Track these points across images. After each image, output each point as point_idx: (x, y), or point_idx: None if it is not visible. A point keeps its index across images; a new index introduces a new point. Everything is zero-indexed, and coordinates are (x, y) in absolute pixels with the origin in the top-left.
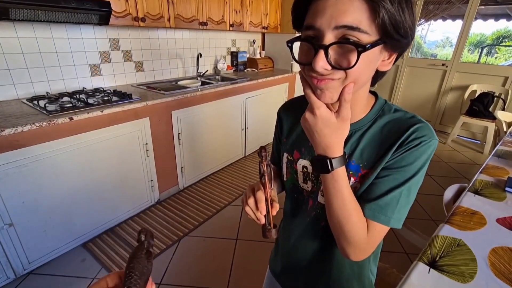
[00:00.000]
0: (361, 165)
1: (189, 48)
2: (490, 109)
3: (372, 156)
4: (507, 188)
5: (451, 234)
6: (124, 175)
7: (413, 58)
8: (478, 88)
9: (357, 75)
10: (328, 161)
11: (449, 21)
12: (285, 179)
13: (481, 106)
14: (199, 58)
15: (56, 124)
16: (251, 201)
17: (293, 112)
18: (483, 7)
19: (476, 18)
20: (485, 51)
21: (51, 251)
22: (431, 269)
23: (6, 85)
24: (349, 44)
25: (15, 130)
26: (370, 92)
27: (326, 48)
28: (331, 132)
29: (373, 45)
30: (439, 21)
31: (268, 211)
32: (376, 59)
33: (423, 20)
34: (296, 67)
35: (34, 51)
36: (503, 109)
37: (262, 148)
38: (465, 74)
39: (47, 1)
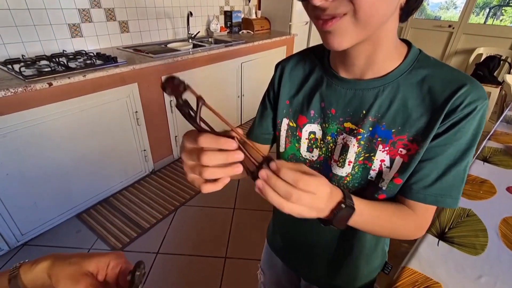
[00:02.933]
0: (393, 130)
1: (179, 7)
2: (495, 74)
3: (410, 120)
4: None
5: (460, 204)
6: (115, 145)
7: (418, 19)
8: (484, 51)
9: (370, 4)
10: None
11: None
12: (281, 150)
13: (486, 70)
14: (190, 17)
15: (34, 89)
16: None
17: (300, 68)
18: None
19: None
20: (490, 13)
21: (44, 223)
22: (440, 241)
23: None
24: None
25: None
26: (401, 40)
27: None
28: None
29: None
30: None
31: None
32: None
33: None
34: (295, 29)
35: (1, 7)
36: (509, 73)
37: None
38: (472, 37)
39: None
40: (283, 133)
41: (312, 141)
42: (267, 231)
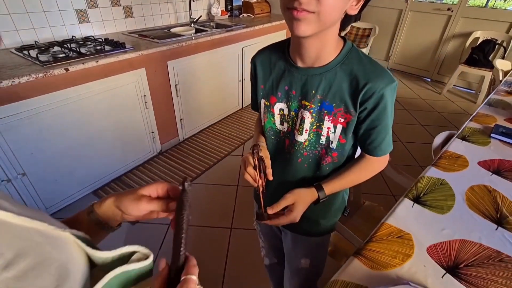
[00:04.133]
0: (334, 105)
1: None
2: (490, 58)
3: (343, 97)
4: (492, 134)
5: (435, 175)
6: (126, 127)
7: (418, 1)
8: (481, 35)
9: (329, 10)
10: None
11: None
12: (263, 123)
13: (481, 54)
14: (192, 2)
15: (53, 75)
16: (250, 170)
17: (266, 59)
18: None
19: None
20: None
21: (64, 198)
22: (415, 204)
23: None
24: None
25: (12, 82)
26: (341, 37)
27: None
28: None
29: None
30: None
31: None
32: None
33: None
34: None
35: None
36: (503, 58)
37: (257, 147)
38: (470, 20)
39: None
40: (262, 110)
41: (282, 116)
42: (253, 193)
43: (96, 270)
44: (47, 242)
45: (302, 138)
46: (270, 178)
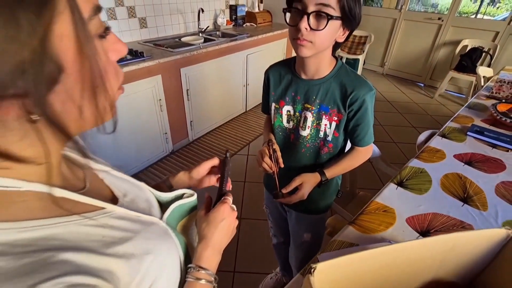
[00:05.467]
0: (329, 107)
1: (189, 2)
2: (477, 65)
3: (336, 101)
4: (468, 133)
5: (417, 165)
6: (142, 129)
7: (411, 11)
8: (469, 43)
9: (322, 39)
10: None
11: None
12: (273, 122)
13: (469, 61)
14: (201, 13)
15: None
16: (267, 160)
17: (277, 72)
18: None
19: None
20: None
21: None
22: (399, 187)
23: None
24: (322, 13)
25: None
26: (334, 56)
27: (308, 15)
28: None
29: (337, 17)
30: None
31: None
32: (336, 31)
33: None
34: None
35: None
36: (489, 65)
37: (271, 142)
38: (459, 29)
39: None
40: (272, 112)
41: (288, 116)
42: (263, 180)
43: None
44: (134, 186)
45: (305, 133)
46: (282, 165)
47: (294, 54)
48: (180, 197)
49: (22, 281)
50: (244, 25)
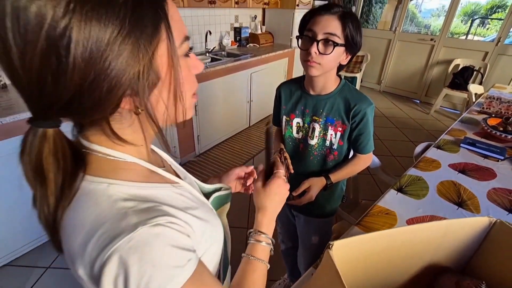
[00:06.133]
0: (335, 119)
1: (197, 25)
2: (470, 82)
3: (341, 114)
4: (461, 144)
5: (415, 174)
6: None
7: (404, 33)
8: (461, 62)
9: (328, 62)
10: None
11: None
12: (283, 133)
13: (462, 79)
14: (208, 35)
15: None
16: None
17: (288, 89)
18: None
19: None
20: (477, 21)
21: None
22: (399, 192)
23: None
24: (330, 40)
25: None
26: (338, 75)
27: (317, 41)
28: (319, 186)
29: (341, 44)
30: None
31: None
32: (340, 55)
33: None
34: (295, 43)
35: None
36: (481, 83)
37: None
38: (450, 49)
39: None
40: (283, 124)
41: (298, 128)
42: None
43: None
44: (187, 173)
45: (313, 142)
46: (292, 171)
47: (294, 72)
48: (219, 189)
49: (146, 215)
50: (247, 46)
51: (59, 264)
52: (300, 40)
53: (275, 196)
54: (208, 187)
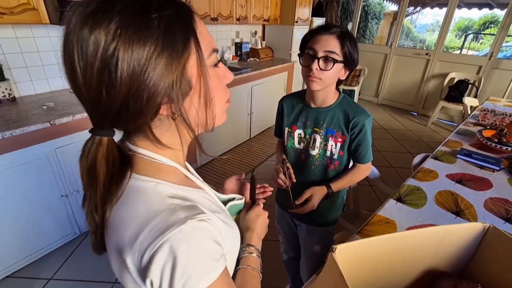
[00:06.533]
0: (335, 130)
1: None
2: (465, 95)
3: (340, 126)
4: (458, 155)
5: (413, 184)
6: None
7: (400, 47)
8: (456, 76)
9: (328, 77)
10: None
11: (436, 8)
12: (285, 144)
13: (457, 92)
14: None
15: None
16: (282, 176)
17: (290, 102)
18: None
19: (461, 7)
20: (471, 36)
21: None
22: (398, 202)
23: (56, 77)
24: (329, 58)
25: (82, 115)
26: (337, 89)
27: (318, 59)
28: (320, 195)
29: (340, 61)
30: (427, 8)
31: (290, 190)
32: (339, 71)
33: (411, 7)
34: (294, 56)
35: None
36: (476, 95)
37: (284, 160)
38: (445, 63)
39: None
40: (285, 135)
41: (299, 139)
42: (275, 197)
43: None
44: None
45: (314, 152)
46: (295, 180)
47: (294, 85)
48: (232, 199)
49: (192, 211)
50: (248, 60)
51: (61, 276)
52: (302, 58)
53: (258, 219)
54: (223, 196)
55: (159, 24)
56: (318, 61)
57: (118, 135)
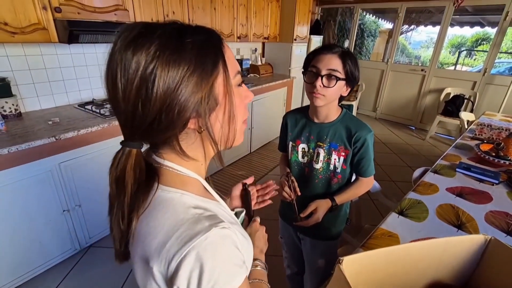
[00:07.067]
0: (338, 144)
1: None
2: (461, 110)
3: (343, 140)
4: (457, 169)
5: (414, 197)
6: None
7: (396, 64)
8: (452, 91)
9: (331, 94)
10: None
11: (430, 26)
12: (289, 158)
13: (454, 107)
14: None
15: (115, 125)
16: (287, 189)
17: (293, 117)
18: (458, 16)
19: (453, 25)
20: (464, 52)
21: (105, 229)
22: (400, 216)
23: (61, 93)
24: (332, 75)
25: (86, 130)
26: (339, 105)
27: (321, 76)
28: (325, 208)
29: (342, 79)
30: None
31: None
32: (341, 88)
33: (406, 26)
34: (293, 72)
35: (81, 64)
36: (472, 110)
37: (289, 174)
38: (441, 79)
39: (105, 27)
40: (289, 149)
41: (303, 153)
42: (279, 210)
43: None
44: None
45: (318, 166)
46: (299, 193)
47: (293, 100)
48: (241, 212)
49: (215, 220)
50: (248, 76)
51: None
52: (305, 75)
53: (256, 234)
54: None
55: (193, 47)
56: (322, 79)
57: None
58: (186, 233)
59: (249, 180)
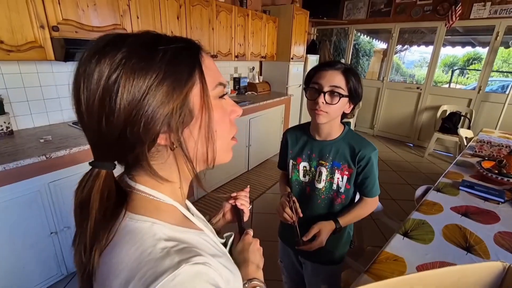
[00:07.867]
0: (341, 163)
1: None
2: (459, 126)
3: (346, 158)
4: (460, 187)
5: (418, 217)
6: None
7: (392, 82)
8: (448, 108)
9: (334, 111)
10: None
11: (423, 46)
12: (290, 176)
13: (451, 123)
14: None
15: None
16: (288, 210)
17: (294, 134)
18: (449, 36)
19: (445, 45)
20: (457, 71)
21: None
22: (404, 237)
23: (55, 111)
24: (335, 92)
25: (79, 148)
26: (342, 122)
27: (324, 93)
28: (328, 231)
29: (345, 96)
30: (414, 46)
31: (297, 226)
32: (344, 105)
33: (399, 46)
34: (291, 90)
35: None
36: (469, 127)
37: (290, 194)
38: (436, 96)
39: None
40: (290, 168)
41: (304, 171)
42: (278, 232)
43: None
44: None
45: (320, 185)
46: (301, 215)
47: (291, 118)
48: (230, 236)
49: (187, 254)
50: (246, 94)
51: None
52: (307, 92)
53: (250, 248)
54: (221, 240)
55: (165, 54)
56: (324, 95)
57: (119, 170)
58: (151, 272)
59: (243, 192)
